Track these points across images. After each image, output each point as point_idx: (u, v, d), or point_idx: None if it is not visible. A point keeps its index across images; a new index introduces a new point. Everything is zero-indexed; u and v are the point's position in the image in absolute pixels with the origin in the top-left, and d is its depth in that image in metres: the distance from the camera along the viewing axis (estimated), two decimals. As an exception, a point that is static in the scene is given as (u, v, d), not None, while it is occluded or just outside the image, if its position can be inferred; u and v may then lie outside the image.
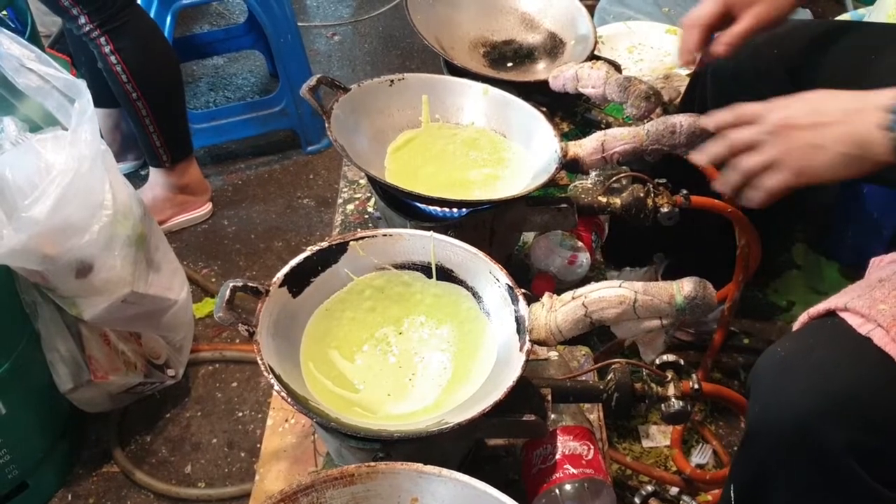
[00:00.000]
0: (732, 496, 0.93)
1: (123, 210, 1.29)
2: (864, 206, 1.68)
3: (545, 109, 1.22)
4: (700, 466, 1.41)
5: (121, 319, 1.35)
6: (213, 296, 1.84)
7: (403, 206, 1.17)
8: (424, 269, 1.01)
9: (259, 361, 0.84)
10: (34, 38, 1.73)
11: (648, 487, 0.98)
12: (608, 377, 0.96)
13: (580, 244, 1.27)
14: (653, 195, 1.17)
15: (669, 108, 1.36)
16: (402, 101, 1.27)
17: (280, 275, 0.93)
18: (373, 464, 0.70)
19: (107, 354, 1.36)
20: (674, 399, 0.95)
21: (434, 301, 1.01)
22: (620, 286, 0.91)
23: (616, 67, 1.32)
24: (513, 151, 1.24)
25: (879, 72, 1.08)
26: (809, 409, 0.77)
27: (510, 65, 1.51)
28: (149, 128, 1.82)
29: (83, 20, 1.66)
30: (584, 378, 1.04)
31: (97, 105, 1.72)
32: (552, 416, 0.93)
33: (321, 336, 0.96)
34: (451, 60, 1.39)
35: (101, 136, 1.27)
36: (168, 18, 2.04)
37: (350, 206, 1.45)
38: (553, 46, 1.52)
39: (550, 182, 1.14)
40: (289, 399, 0.82)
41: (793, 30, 1.22)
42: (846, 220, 1.73)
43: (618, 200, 1.18)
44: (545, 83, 1.33)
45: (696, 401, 0.97)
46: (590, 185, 1.33)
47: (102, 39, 1.69)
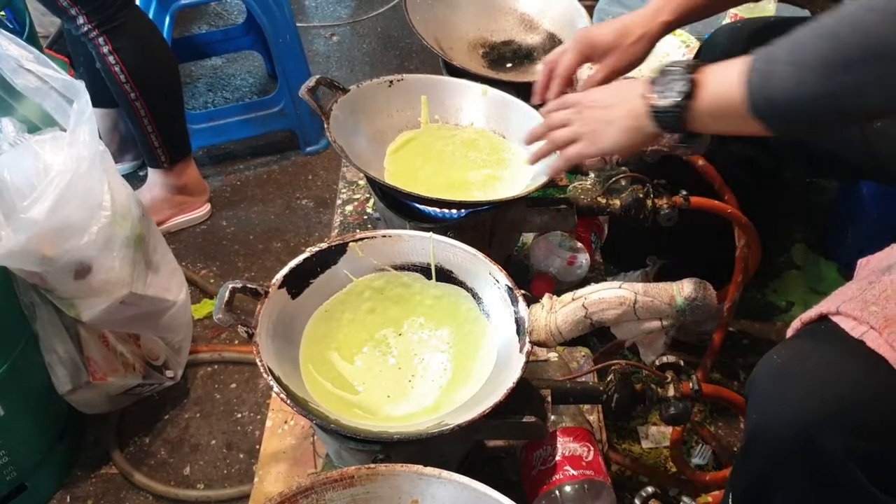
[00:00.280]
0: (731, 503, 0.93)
1: (122, 211, 1.29)
2: (864, 207, 1.68)
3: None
4: (700, 467, 1.41)
5: (119, 320, 1.35)
6: (212, 297, 1.83)
7: (403, 207, 1.16)
8: (424, 271, 1.01)
9: (258, 363, 0.84)
10: (32, 39, 1.73)
11: (648, 488, 0.97)
12: (608, 378, 0.96)
13: (580, 245, 1.27)
14: (652, 196, 1.16)
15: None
16: (401, 102, 1.27)
17: (279, 276, 0.93)
18: (372, 465, 0.70)
19: (105, 356, 1.36)
20: (673, 400, 0.95)
21: (434, 302, 1.01)
22: (620, 287, 0.91)
23: (616, 68, 1.32)
24: (512, 152, 1.24)
25: None
26: (808, 417, 0.77)
27: (509, 65, 1.51)
28: (147, 128, 1.81)
29: (81, 20, 1.66)
30: (584, 379, 1.05)
31: (96, 105, 1.72)
32: (552, 418, 0.93)
33: (321, 337, 0.96)
34: (450, 61, 1.39)
35: (100, 137, 1.27)
36: (167, 19, 2.03)
37: (349, 207, 1.45)
38: (552, 47, 1.52)
39: (550, 183, 1.14)
40: (288, 401, 0.81)
41: (791, 23, 1.22)
42: (846, 221, 1.73)
43: (617, 201, 1.18)
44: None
45: (696, 402, 0.97)
46: (589, 186, 1.33)
47: (101, 39, 1.68)
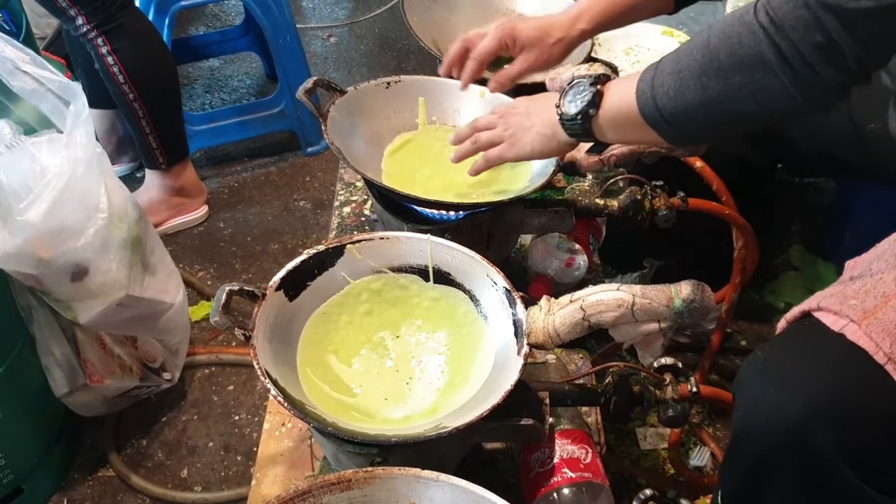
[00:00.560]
0: (720, 503, 0.92)
1: (119, 213, 1.28)
2: (862, 207, 1.67)
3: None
4: (698, 469, 1.41)
5: (116, 323, 1.35)
6: (209, 299, 1.83)
7: (400, 209, 1.16)
8: (421, 273, 1.01)
9: (255, 366, 0.83)
10: (29, 41, 1.73)
11: (647, 491, 0.97)
12: (606, 380, 0.96)
13: (577, 246, 1.26)
14: (650, 197, 1.16)
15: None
16: (399, 104, 1.27)
17: (276, 278, 0.93)
18: (370, 469, 0.70)
19: (102, 358, 1.36)
20: (671, 402, 0.95)
21: (431, 304, 1.01)
22: (618, 289, 0.91)
23: (613, 69, 1.32)
24: (510, 154, 1.24)
25: None
26: (794, 413, 0.77)
27: (507, 67, 1.51)
28: (145, 129, 1.81)
29: (80, 21, 1.66)
30: (582, 381, 1.04)
31: (93, 106, 1.72)
32: (550, 420, 0.93)
33: (318, 340, 0.96)
34: (448, 62, 1.38)
35: (97, 138, 1.27)
36: (166, 20, 2.03)
37: (347, 209, 1.45)
38: (550, 48, 1.52)
39: (548, 184, 1.14)
40: (285, 403, 0.81)
41: None
42: (843, 222, 1.73)
43: (615, 202, 1.18)
44: (542, 85, 1.33)
45: (694, 403, 0.97)
46: (587, 188, 1.33)
47: (100, 40, 1.68)
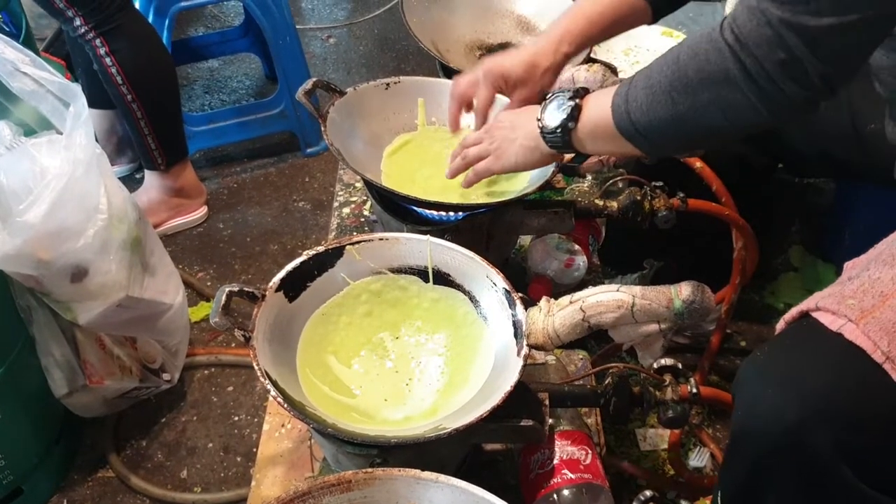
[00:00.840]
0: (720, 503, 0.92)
1: (118, 214, 1.28)
2: (861, 208, 1.67)
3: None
4: (698, 470, 1.41)
5: (116, 324, 1.35)
6: (209, 299, 1.83)
7: (400, 210, 1.16)
8: (421, 273, 1.01)
9: (255, 367, 0.83)
10: (29, 42, 1.73)
11: (647, 492, 0.97)
12: (606, 381, 0.95)
13: (577, 247, 1.26)
14: (650, 198, 1.16)
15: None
16: (398, 105, 1.27)
17: (276, 279, 0.93)
18: (370, 470, 0.70)
19: (102, 359, 1.36)
20: (671, 403, 0.95)
21: (431, 305, 1.00)
22: (618, 290, 0.91)
23: (612, 70, 1.32)
24: (509, 154, 1.24)
25: None
26: (792, 413, 0.77)
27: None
28: (144, 130, 1.81)
29: (78, 22, 1.66)
30: (582, 382, 1.04)
31: (93, 107, 1.71)
32: (550, 421, 0.93)
33: (318, 341, 0.96)
34: (447, 63, 1.39)
35: (97, 139, 1.27)
36: (166, 21, 2.03)
37: (346, 210, 1.45)
38: (549, 49, 1.52)
39: (547, 185, 1.14)
40: (285, 404, 0.81)
41: None
42: (843, 222, 1.73)
43: (615, 203, 1.18)
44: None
45: (694, 404, 0.97)
46: (587, 188, 1.33)
47: (98, 41, 1.68)
